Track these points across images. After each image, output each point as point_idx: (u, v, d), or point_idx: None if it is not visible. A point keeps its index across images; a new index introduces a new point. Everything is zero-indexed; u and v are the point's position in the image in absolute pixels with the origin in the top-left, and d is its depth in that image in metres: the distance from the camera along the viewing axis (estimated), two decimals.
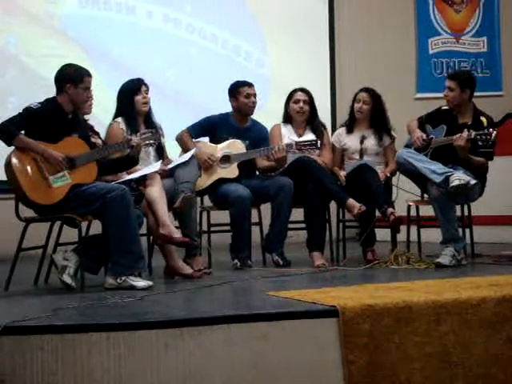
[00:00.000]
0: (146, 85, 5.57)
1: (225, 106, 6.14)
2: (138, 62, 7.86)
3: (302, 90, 6.23)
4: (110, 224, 4.70)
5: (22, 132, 4.71)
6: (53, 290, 4.83)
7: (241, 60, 8.64)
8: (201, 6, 8.45)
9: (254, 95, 6.06)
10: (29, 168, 4.67)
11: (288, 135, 6.18)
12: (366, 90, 6.20)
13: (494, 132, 5.55)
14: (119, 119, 5.51)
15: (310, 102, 6.20)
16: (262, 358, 3.56)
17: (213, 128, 6.05)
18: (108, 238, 4.73)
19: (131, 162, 5.07)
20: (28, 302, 4.39)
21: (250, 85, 6.08)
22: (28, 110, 4.75)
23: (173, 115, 6.97)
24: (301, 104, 6.17)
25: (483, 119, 5.79)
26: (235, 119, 6.09)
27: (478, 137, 5.54)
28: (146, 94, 5.56)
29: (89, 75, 4.91)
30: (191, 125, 6.09)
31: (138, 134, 5.15)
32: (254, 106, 6.07)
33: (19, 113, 4.75)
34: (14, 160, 4.66)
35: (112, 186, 4.77)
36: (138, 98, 5.52)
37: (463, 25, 9.30)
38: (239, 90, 6.04)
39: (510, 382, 3.84)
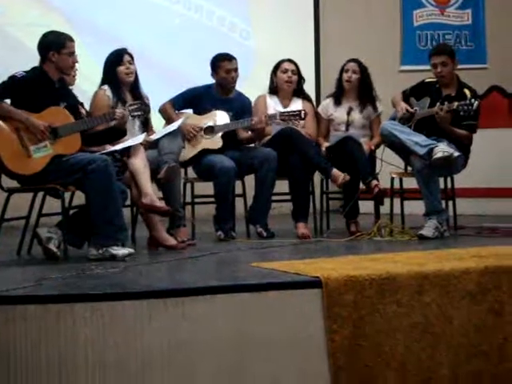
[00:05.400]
0: (129, 54, 5.50)
1: (209, 78, 6.08)
2: (122, 32, 7.78)
3: (289, 60, 6.19)
4: (92, 195, 4.65)
5: (7, 101, 4.66)
6: (36, 261, 4.82)
7: (225, 31, 8.58)
8: None
9: (235, 70, 5.93)
10: (9, 137, 4.60)
11: (274, 106, 6.16)
12: (354, 60, 6.20)
13: (476, 102, 5.53)
14: (105, 87, 5.46)
15: (298, 72, 6.18)
16: (246, 328, 3.56)
17: (196, 99, 5.99)
18: (90, 209, 4.69)
19: (119, 133, 5.02)
20: (11, 273, 4.37)
21: (231, 59, 5.94)
22: (12, 79, 4.70)
23: (156, 86, 6.89)
24: (289, 73, 6.15)
25: (467, 91, 5.77)
26: (218, 91, 6.04)
27: (460, 107, 5.52)
28: (130, 64, 5.49)
29: (71, 40, 4.85)
30: (174, 96, 6.03)
31: (126, 105, 5.11)
32: (235, 81, 5.96)
33: (3, 81, 4.70)
34: None
35: (93, 157, 4.69)
36: (121, 68, 5.45)
37: None
38: (219, 65, 5.94)
39: (492, 352, 3.88)
